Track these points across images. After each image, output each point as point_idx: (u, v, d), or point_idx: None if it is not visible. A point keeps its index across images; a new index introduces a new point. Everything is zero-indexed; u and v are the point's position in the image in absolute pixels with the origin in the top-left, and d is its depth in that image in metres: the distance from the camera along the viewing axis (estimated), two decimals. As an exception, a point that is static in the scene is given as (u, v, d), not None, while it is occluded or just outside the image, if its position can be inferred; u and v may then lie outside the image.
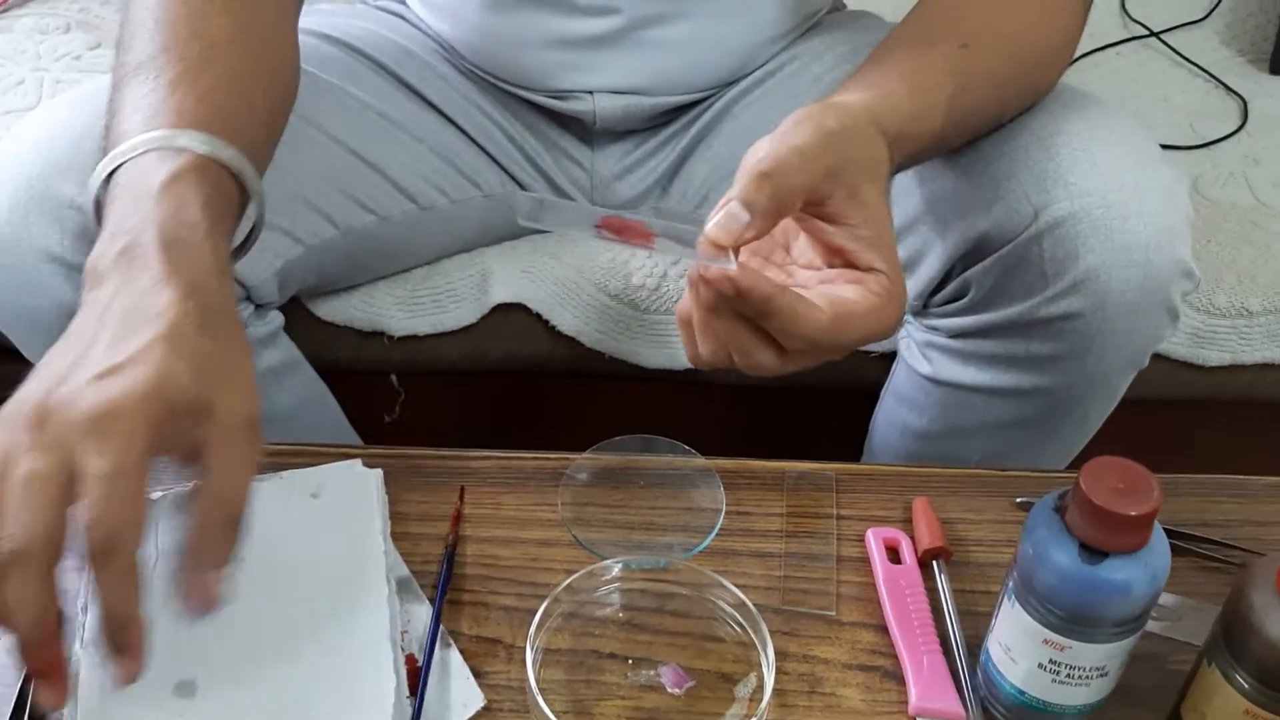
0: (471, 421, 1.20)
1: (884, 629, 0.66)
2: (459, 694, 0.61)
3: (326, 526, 0.66)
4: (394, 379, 1.11)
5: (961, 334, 0.85)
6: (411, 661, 0.62)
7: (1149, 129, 0.81)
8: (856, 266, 0.62)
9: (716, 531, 0.70)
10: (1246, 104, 1.29)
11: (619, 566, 0.66)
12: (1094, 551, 0.53)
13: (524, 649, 0.61)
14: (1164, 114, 1.29)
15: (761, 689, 0.61)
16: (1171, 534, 0.56)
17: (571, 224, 0.59)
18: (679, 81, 0.96)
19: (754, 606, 0.63)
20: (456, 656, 0.63)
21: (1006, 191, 0.76)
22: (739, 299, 0.57)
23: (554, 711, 0.56)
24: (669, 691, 0.62)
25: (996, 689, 0.60)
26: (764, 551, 0.70)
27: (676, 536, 0.70)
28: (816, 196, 0.60)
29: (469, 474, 0.74)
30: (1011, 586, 0.57)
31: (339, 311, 1.02)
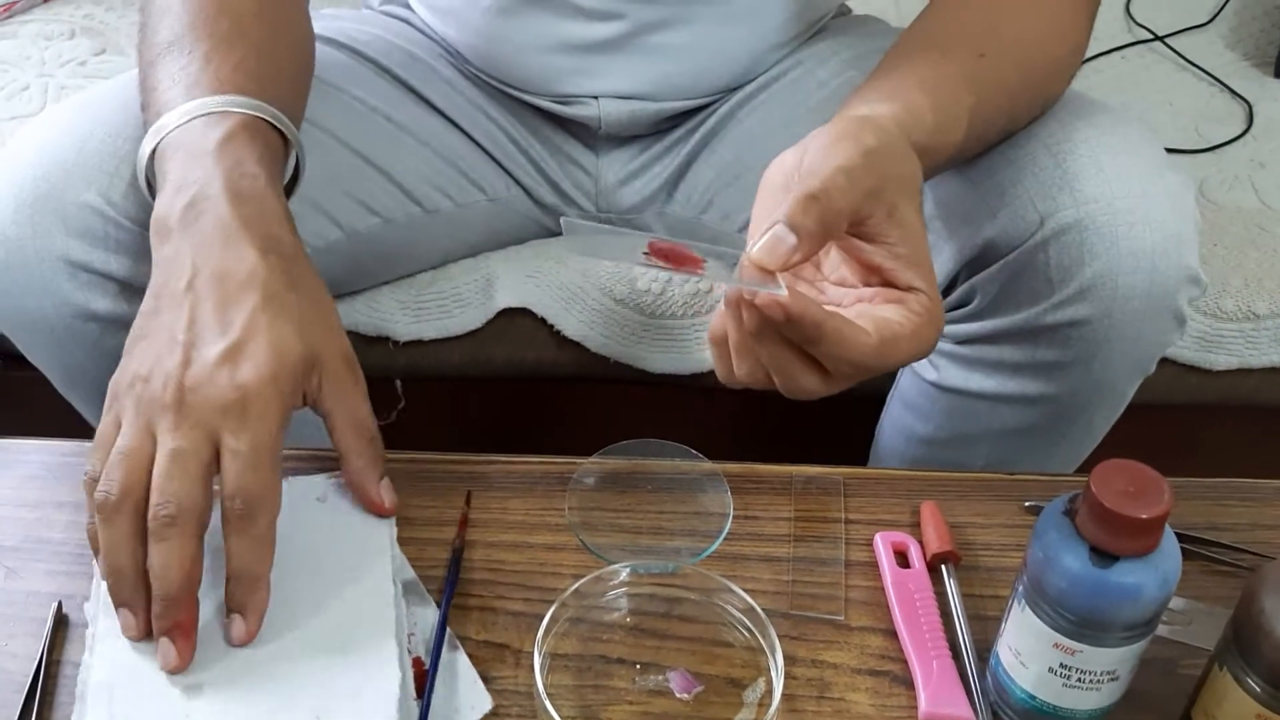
0: (477, 427, 1.20)
1: (893, 633, 0.66)
2: (466, 696, 0.61)
3: (333, 531, 0.66)
4: (398, 385, 1.10)
5: (968, 340, 0.85)
6: (419, 664, 0.61)
7: (1155, 134, 0.81)
8: (895, 285, 0.61)
9: (724, 536, 0.69)
10: (1252, 108, 1.29)
11: (627, 571, 0.65)
12: (1105, 555, 0.53)
13: (531, 654, 0.61)
14: (1169, 118, 1.29)
15: (770, 694, 0.60)
16: (1182, 538, 0.56)
17: (621, 256, 0.60)
18: (683, 87, 0.96)
19: (762, 611, 0.62)
20: (464, 659, 0.63)
21: (1013, 198, 0.76)
22: (788, 324, 0.57)
23: (562, 717, 0.56)
24: (677, 697, 0.62)
25: (1006, 694, 0.60)
26: (772, 556, 0.70)
27: (684, 541, 0.70)
28: (858, 216, 0.60)
29: (475, 479, 0.73)
30: (1021, 590, 0.57)
31: (344, 316, 1.01)
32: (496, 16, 0.92)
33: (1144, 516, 0.51)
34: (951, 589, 0.68)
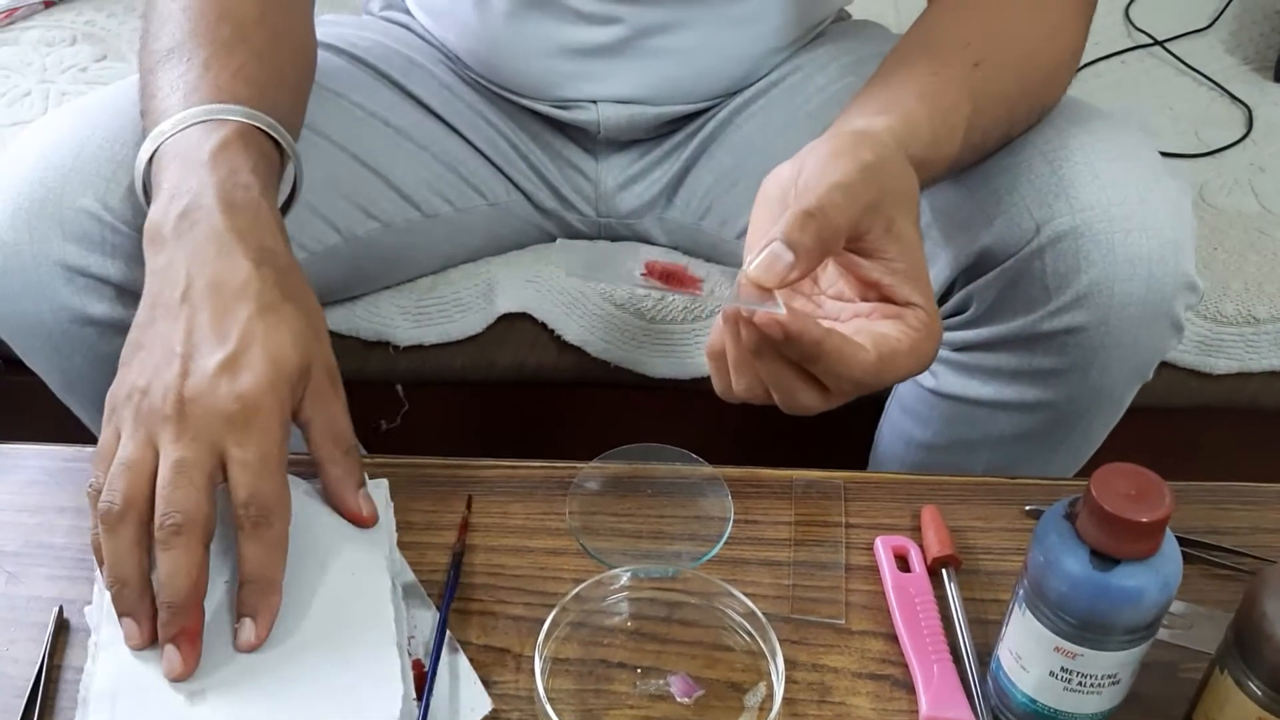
0: (477, 431, 1.20)
1: (893, 637, 0.66)
2: (466, 698, 0.61)
3: (332, 534, 0.66)
4: (399, 389, 1.10)
5: (965, 347, 0.85)
6: (419, 666, 0.61)
7: (1152, 140, 0.81)
8: (893, 300, 0.61)
9: (725, 540, 0.69)
10: (1251, 112, 1.29)
11: (627, 575, 0.65)
12: (1105, 558, 0.53)
13: (532, 658, 0.61)
14: (1169, 122, 1.29)
15: (771, 698, 0.60)
16: (1182, 542, 0.56)
17: (618, 277, 0.60)
18: (682, 91, 0.96)
19: (763, 615, 0.62)
20: (464, 661, 0.63)
21: (1009, 205, 0.76)
22: (787, 343, 0.57)
23: (563, 721, 0.56)
24: (678, 701, 0.62)
25: (1007, 697, 0.60)
26: (773, 560, 0.70)
27: (685, 545, 0.70)
28: (856, 232, 0.60)
29: (476, 483, 0.73)
30: (1022, 594, 0.57)
31: (344, 321, 1.02)
32: (495, 21, 0.92)
33: (1145, 520, 0.51)
34: (952, 593, 0.68)
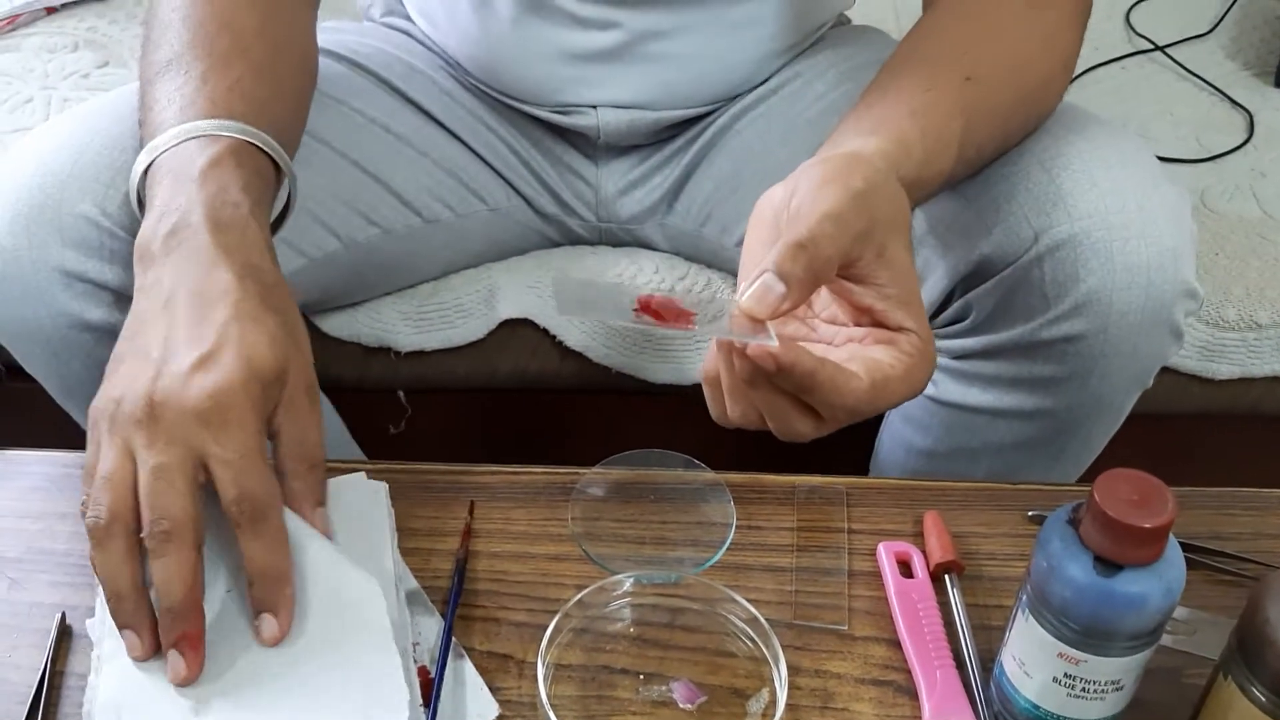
0: (479, 437, 1.20)
1: (896, 643, 0.66)
2: (473, 704, 0.61)
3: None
4: (401, 395, 1.10)
5: (964, 355, 0.85)
6: (424, 673, 0.61)
7: (1151, 147, 0.81)
8: (886, 325, 0.61)
9: (727, 546, 0.69)
10: (1252, 117, 1.30)
11: (630, 581, 0.65)
12: (1109, 564, 0.53)
13: (535, 664, 0.61)
14: (1169, 127, 1.29)
15: (774, 704, 0.60)
16: (1185, 547, 0.55)
17: (611, 314, 0.60)
18: (682, 95, 0.96)
19: (766, 621, 0.62)
20: (469, 666, 0.63)
21: (1007, 214, 0.76)
22: (780, 374, 0.57)
23: (566, 727, 0.56)
24: (681, 707, 0.62)
25: (1011, 703, 0.60)
26: (775, 566, 0.70)
27: (687, 551, 0.70)
28: (848, 259, 0.60)
29: (478, 489, 0.73)
30: (1025, 600, 0.57)
31: (345, 327, 1.02)
32: (496, 26, 0.92)
33: (1148, 525, 0.51)
34: (955, 599, 0.68)
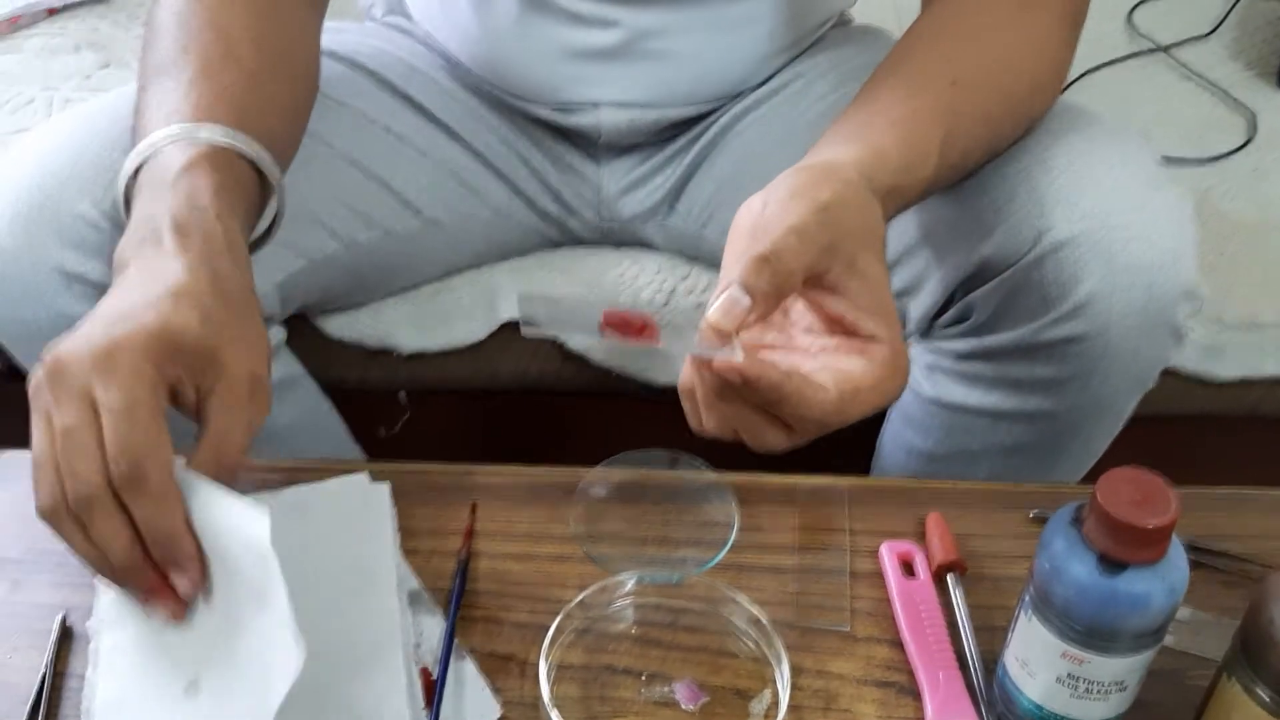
0: (480, 440, 1.20)
1: (899, 644, 0.66)
2: (474, 704, 0.61)
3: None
4: (403, 396, 1.10)
5: (965, 357, 0.84)
6: (426, 674, 0.61)
7: (1153, 148, 0.81)
8: (857, 335, 0.62)
9: (730, 546, 0.69)
10: (1255, 117, 1.29)
11: (632, 582, 0.65)
12: (1112, 563, 0.53)
13: (537, 665, 0.61)
14: (1171, 128, 1.29)
15: (776, 705, 0.60)
16: (1189, 548, 0.55)
17: (577, 329, 0.60)
18: (682, 94, 0.96)
19: (768, 621, 0.62)
20: (471, 667, 0.63)
21: (1008, 215, 0.76)
22: (746, 387, 0.58)
23: (568, 727, 0.56)
24: (683, 707, 0.62)
25: (1014, 704, 0.60)
26: (777, 566, 0.70)
27: (690, 551, 0.70)
28: (815, 271, 0.61)
29: (480, 490, 0.73)
30: (1028, 600, 0.57)
31: (347, 329, 1.02)
32: (495, 25, 0.92)
33: (1151, 525, 0.51)
34: (957, 599, 0.67)
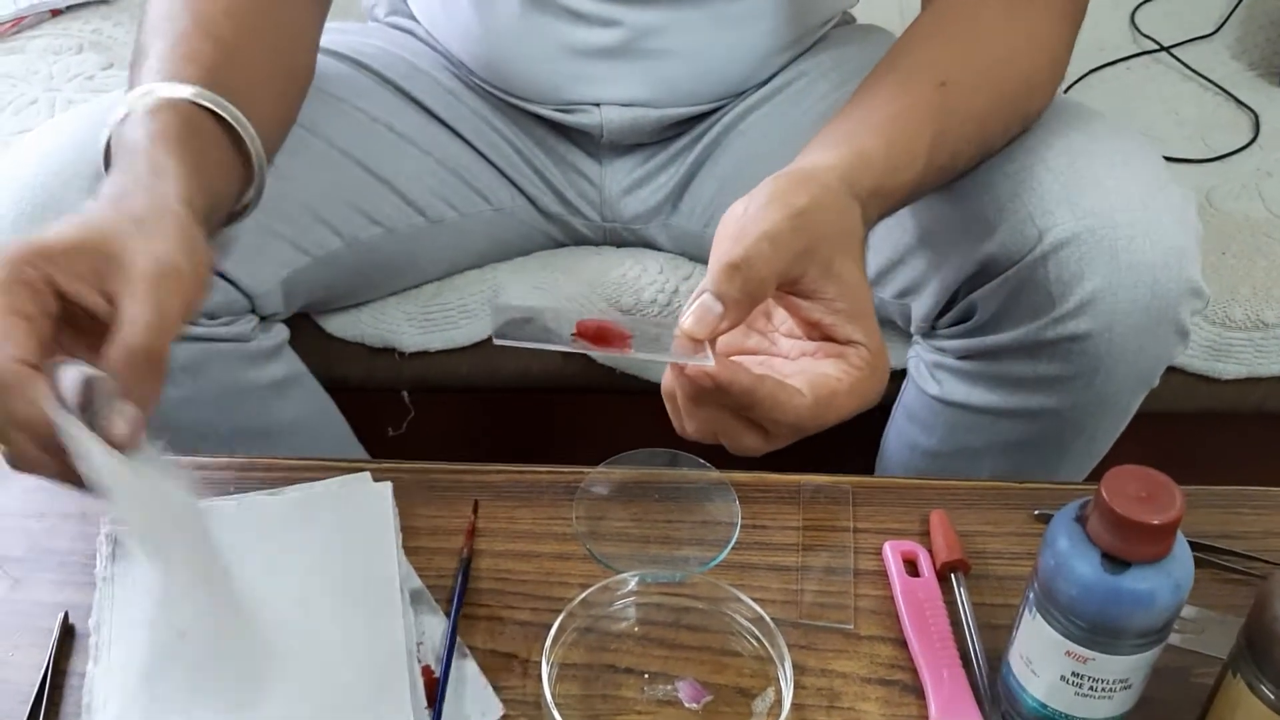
0: (483, 438, 1.20)
1: (903, 643, 0.65)
2: (476, 703, 0.61)
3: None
4: (405, 395, 1.10)
5: (969, 355, 0.84)
6: (428, 673, 0.61)
7: (1156, 146, 0.81)
8: (835, 339, 0.62)
9: (732, 545, 0.69)
10: (1258, 117, 1.29)
11: (635, 580, 0.65)
12: (1117, 561, 0.53)
13: (539, 664, 0.60)
14: (1175, 128, 1.29)
15: (780, 704, 0.60)
16: (1193, 546, 0.55)
17: (548, 340, 0.60)
18: (683, 93, 0.96)
19: (771, 620, 0.62)
20: (473, 666, 0.63)
21: (1011, 213, 0.76)
22: (719, 392, 0.58)
23: (571, 726, 0.55)
24: (686, 706, 0.62)
25: (1018, 702, 0.59)
26: (781, 565, 0.70)
27: (692, 550, 0.70)
28: (789, 277, 0.61)
29: (483, 488, 0.73)
30: (1032, 598, 0.57)
31: (350, 328, 1.02)
32: (497, 24, 0.92)
33: (1156, 522, 0.51)
34: (961, 598, 0.67)
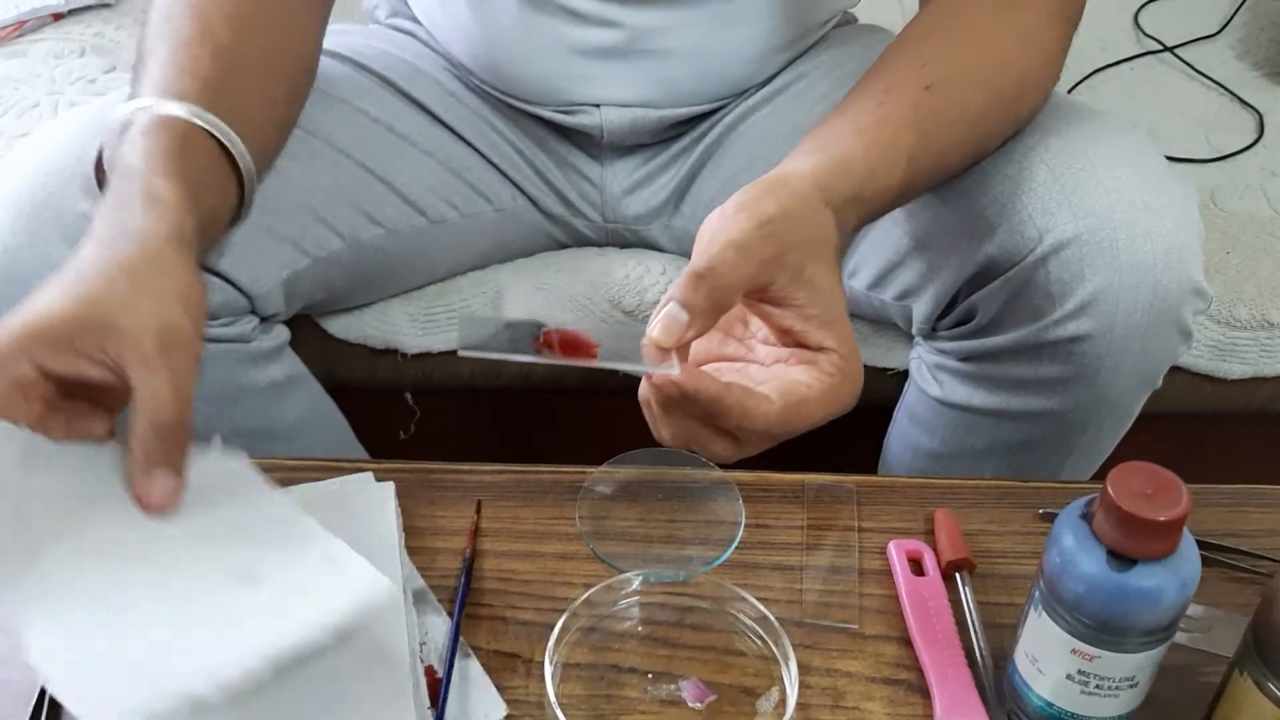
0: (487, 437, 1.20)
1: (908, 642, 0.65)
2: (480, 703, 0.61)
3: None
4: (409, 397, 1.10)
5: (970, 357, 0.84)
6: (430, 673, 0.61)
7: (1157, 145, 0.81)
8: (807, 346, 0.62)
9: (736, 544, 0.69)
10: (1262, 117, 1.29)
11: (638, 580, 0.65)
12: (1122, 558, 0.52)
13: (543, 663, 0.60)
14: (1179, 127, 1.29)
15: (784, 703, 0.60)
16: (1200, 544, 0.55)
17: (513, 349, 0.60)
18: (683, 93, 0.95)
19: (775, 620, 0.62)
20: (476, 666, 0.63)
21: (1011, 214, 0.76)
22: (686, 400, 0.59)
23: (574, 725, 0.55)
24: (690, 706, 0.61)
25: (1023, 701, 0.59)
26: (785, 564, 0.69)
27: (696, 549, 0.70)
28: (758, 285, 0.61)
29: (486, 488, 0.73)
30: (1038, 596, 0.56)
31: (352, 329, 1.02)
32: (498, 26, 0.92)
33: (1162, 518, 0.51)
34: (966, 596, 0.67)
